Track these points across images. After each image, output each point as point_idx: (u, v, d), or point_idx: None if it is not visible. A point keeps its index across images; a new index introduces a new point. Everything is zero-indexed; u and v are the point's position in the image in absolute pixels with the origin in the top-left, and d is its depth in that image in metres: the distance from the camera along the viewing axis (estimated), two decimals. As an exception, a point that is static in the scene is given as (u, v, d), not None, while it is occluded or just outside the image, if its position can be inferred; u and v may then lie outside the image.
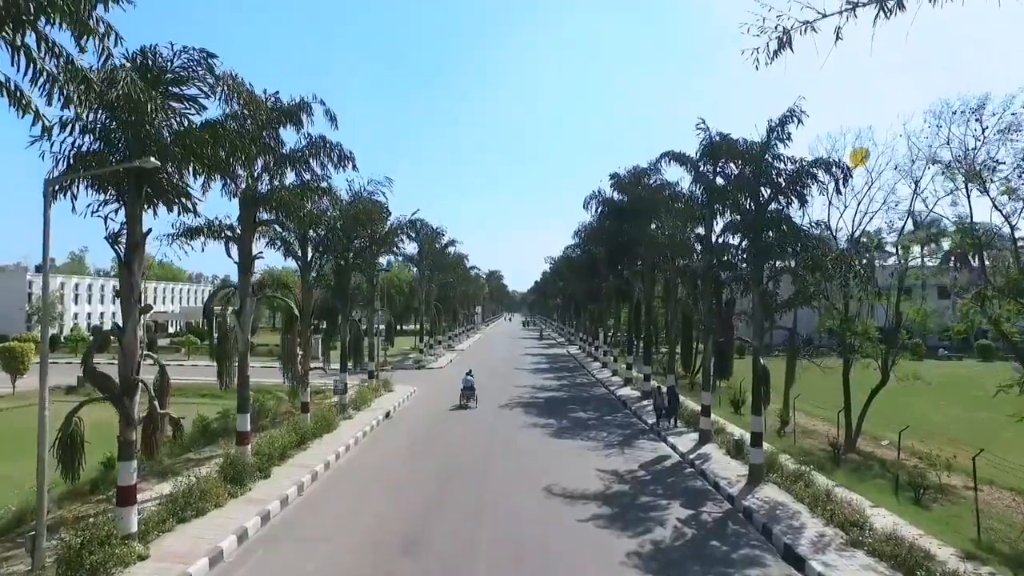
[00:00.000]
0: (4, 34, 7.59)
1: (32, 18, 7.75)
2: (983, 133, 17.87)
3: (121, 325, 12.19)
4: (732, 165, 21.40)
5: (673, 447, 22.76)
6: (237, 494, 15.49)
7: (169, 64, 12.33)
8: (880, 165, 24.18)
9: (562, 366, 52.16)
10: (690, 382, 35.65)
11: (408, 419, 28.18)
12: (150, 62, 12.24)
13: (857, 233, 24.20)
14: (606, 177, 35.98)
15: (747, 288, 18.93)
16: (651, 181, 36.72)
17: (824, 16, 9.67)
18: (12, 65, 7.98)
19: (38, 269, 78.45)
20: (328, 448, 21.46)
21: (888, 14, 9.54)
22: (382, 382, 35.43)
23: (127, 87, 10.32)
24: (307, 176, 18.80)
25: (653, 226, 32.76)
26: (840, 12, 9.56)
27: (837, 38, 8.59)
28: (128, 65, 10.47)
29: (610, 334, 54.70)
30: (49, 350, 11.98)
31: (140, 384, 12.15)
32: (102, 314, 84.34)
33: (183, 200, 12.63)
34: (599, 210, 40.76)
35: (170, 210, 12.55)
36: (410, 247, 48.75)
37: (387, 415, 28.69)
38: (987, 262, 18.36)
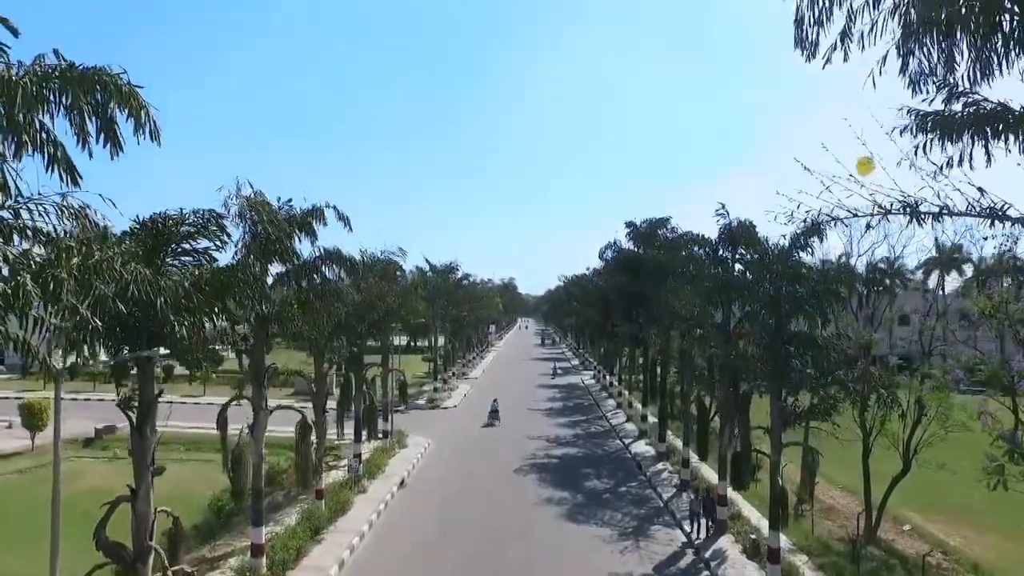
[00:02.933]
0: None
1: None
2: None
3: (134, 488, 12.19)
4: (751, 252, 21.27)
5: (687, 536, 22.50)
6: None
7: (177, 227, 12.35)
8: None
9: (576, 405, 51.92)
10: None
11: (421, 490, 28.12)
12: (160, 226, 12.27)
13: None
14: (619, 215, 35.95)
15: (764, 392, 18.66)
16: (668, 233, 36.61)
17: (856, 216, 9.54)
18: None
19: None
20: (343, 540, 21.46)
21: (921, 222, 9.39)
22: (395, 439, 35.44)
23: (134, 279, 10.29)
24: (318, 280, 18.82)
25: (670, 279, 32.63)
26: (871, 215, 9.45)
27: (868, 228, 8.78)
28: (135, 266, 10.36)
29: (624, 374, 54.32)
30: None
31: (153, 550, 12.15)
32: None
33: (198, 357, 12.59)
34: (613, 256, 40.71)
35: (189, 369, 12.52)
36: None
37: (401, 483, 28.66)
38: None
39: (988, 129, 9.11)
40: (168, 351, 12.42)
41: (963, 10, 8.43)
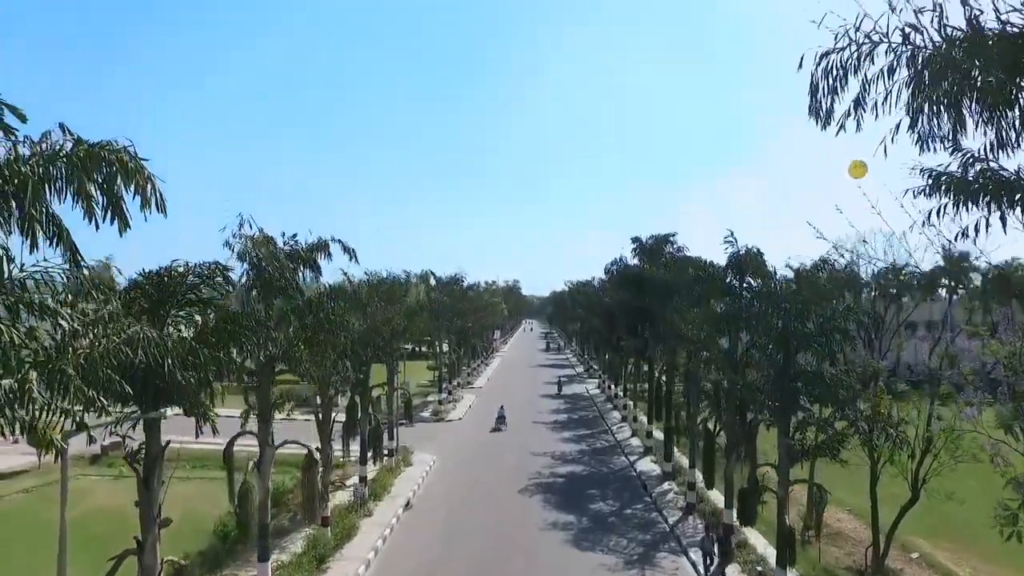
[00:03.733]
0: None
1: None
2: None
3: (140, 541, 12.16)
4: (758, 280, 21.19)
5: (693, 565, 22.39)
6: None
7: (183, 279, 12.32)
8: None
9: (581, 418, 51.79)
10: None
11: (427, 511, 28.08)
12: (166, 278, 12.23)
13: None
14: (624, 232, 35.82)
15: (771, 425, 18.55)
16: (673, 250, 36.53)
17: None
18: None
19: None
20: (349, 569, 21.42)
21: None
22: (401, 456, 35.42)
23: (141, 343, 10.23)
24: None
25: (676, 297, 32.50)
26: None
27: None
28: (143, 333, 10.29)
29: (629, 383, 54.15)
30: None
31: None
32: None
33: (203, 409, 12.57)
34: (618, 273, 40.62)
35: (198, 422, 12.52)
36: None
37: (407, 504, 28.62)
38: None
39: (1005, 197, 9.00)
40: (175, 405, 12.39)
41: (977, 85, 8.32)
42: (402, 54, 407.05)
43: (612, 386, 61.21)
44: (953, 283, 65.86)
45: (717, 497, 27.81)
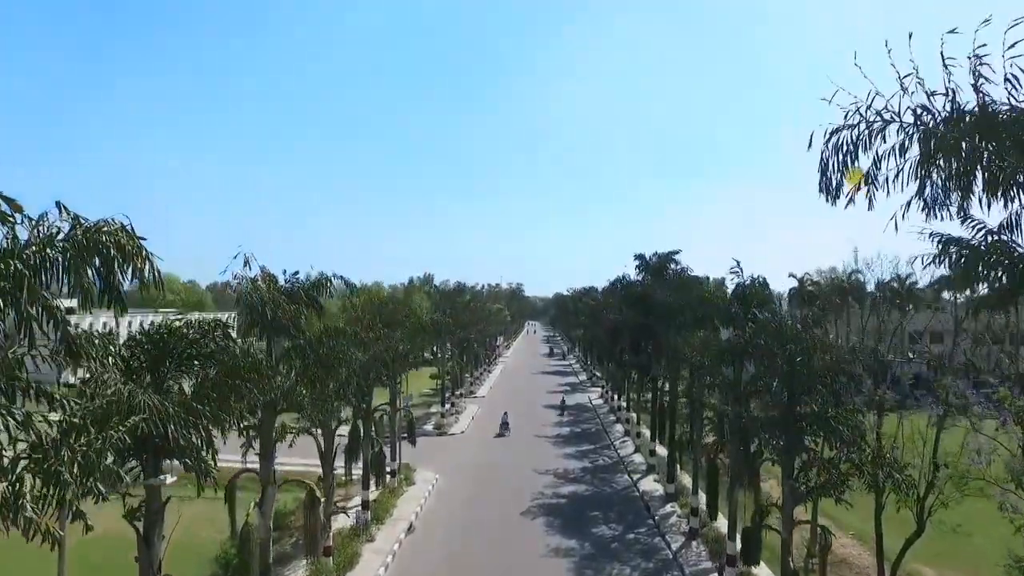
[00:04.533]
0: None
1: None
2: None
3: (140, 599, 12.06)
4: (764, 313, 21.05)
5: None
6: None
7: (186, 337, 12.21)
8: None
9: (584, 432, 51.67)
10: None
11: (429, 533, 28.01)
12: (165, 335, 12.14)
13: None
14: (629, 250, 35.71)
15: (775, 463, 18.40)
16: (677, 269, 36.34)
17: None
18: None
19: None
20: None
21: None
22: (404, 476, 35.33)
23: (141, 409, 10.12)
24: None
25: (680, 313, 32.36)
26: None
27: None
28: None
29: (632, 392, 53.99)
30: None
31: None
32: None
33: (205, 467, 12.46)
34: (622, 291, 40.50)
35: (197, 477, 12.40)
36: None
37: (409, 528, 28.53)
38: None
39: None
40: (175, 459, 12.28)
41: (987, 165, 8.17)
42: (401, 54, 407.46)
43: (615, 396, 61.06)
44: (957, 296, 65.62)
45: (721, 522, 27.64)
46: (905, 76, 7.95)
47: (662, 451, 38.80)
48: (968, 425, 19.77)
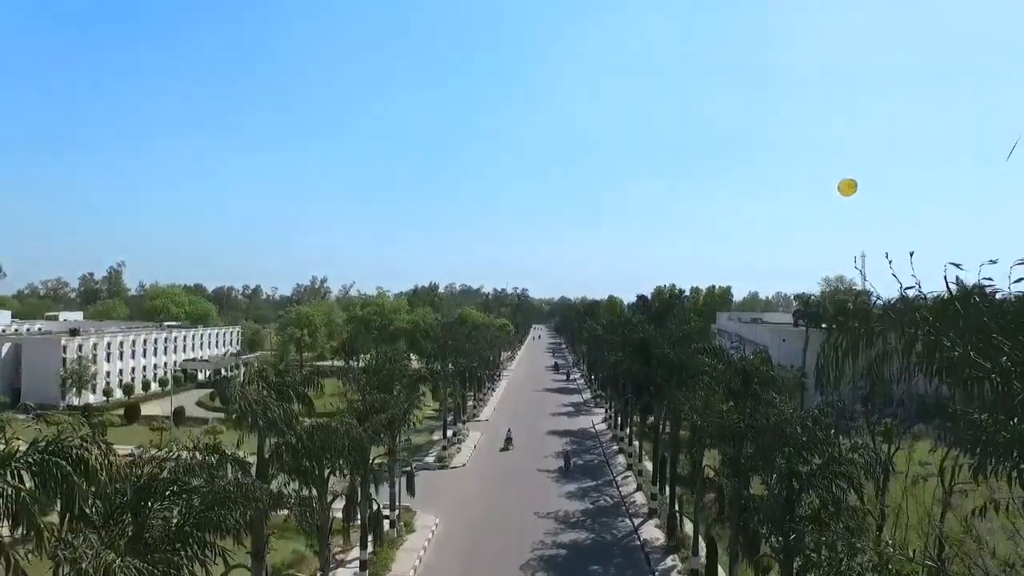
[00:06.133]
0: None
1: None
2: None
3: None
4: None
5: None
6: None
7: (167, 481, 12.03)
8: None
9: (587, 463, 51.41)
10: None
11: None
12: (149, 481, 11.95)
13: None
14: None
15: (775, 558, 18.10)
16: (680, 304, 35.96)
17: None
18: None
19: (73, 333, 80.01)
20: None
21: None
22: (403, 523, 35.20)
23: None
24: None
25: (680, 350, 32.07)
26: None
27: None
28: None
29: (634, 417, 53.58)
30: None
31: None
32: (133, 369, 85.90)
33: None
34: (623, 337, 40.20)
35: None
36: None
37: (407, 587, 28.43)
38: None
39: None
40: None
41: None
42: (401, 54, 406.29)
43: (619, 420, 60.68)
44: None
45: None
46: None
47: (663, 497, 38.48)
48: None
